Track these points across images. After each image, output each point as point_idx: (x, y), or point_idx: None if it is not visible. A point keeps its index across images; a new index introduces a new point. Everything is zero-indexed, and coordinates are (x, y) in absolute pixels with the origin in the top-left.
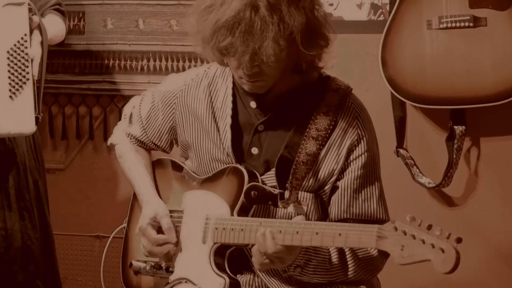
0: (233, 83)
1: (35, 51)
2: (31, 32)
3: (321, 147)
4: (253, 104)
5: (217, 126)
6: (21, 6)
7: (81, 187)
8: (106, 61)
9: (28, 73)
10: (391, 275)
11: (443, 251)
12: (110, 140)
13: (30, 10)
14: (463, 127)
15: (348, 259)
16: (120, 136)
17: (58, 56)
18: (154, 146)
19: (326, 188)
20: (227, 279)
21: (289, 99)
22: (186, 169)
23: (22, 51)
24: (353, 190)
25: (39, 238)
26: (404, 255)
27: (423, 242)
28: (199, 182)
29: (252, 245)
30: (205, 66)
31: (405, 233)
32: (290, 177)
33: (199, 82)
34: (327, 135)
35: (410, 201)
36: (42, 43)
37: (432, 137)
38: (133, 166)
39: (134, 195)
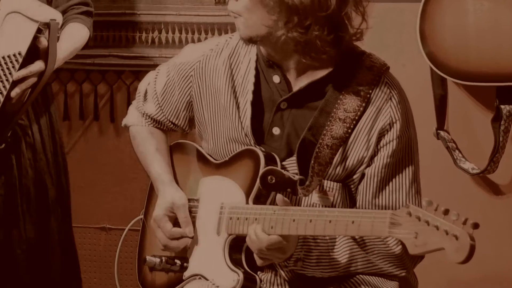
0: (257, 55)
1: (21, 74)
2: (35, 55)
3: (349, 131)
4: (276, 79)
5: (236, 102)
6: (31, 22)
7: (85, 174)
8: (112, 33)
9: (1, 93)
10: (427, 269)
11: (456, 238)
12: (124, 121)
13: (39, 31)
14: (511, 106)
15: (354, 249)
16: (135, 117)
17: None
18: (171, 125)
19: (355, 177)
20: (241, 274)
21: (317, 75)
22: (203, 152)
23: (8, 68)
24: (380, 180)
25: (26, 250)
26: (417, 243)
27: (437, 228)
28: (215, 167)
29: None
30: (227, 36)
31: (419, 219)
32: (312, 161)
33: (219, 52)
34: (357, 118)
35: (451, 189)
36: (42, 73)
37: (476, 118)
38: (148, 149)
39: (151, 186)
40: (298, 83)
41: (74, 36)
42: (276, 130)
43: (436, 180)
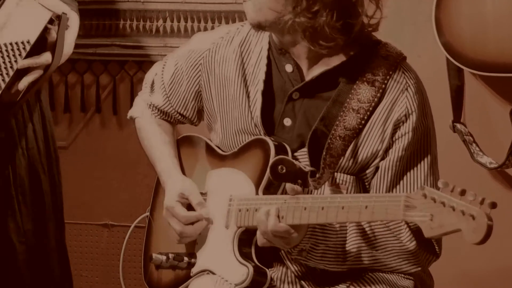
0: (269, 43)
1: (27, 63)
2: (42, 46)
3: (363, 122)
4: (288, 68)
5: (247, 91)
6: (45, 11)
7: (86, 168)
8: (115, 22)
9: (3, 80)
10: (441, 263)
11: (473, 218)
12: (130, 113)
13: (51, 22)
14: None
15: (362, 247)
16: (141, 108)
17: None
18: (179, 116)
19: (369, 171)
20: (251, 268)
21: (330, 64)
22: (211, 145)
23: (14, 55)
24: (394, 173)
25: (26, 243)
26: (433, 225)
27: (453, 209)
28: (223, 159)
29: None
30: (238, 24)
31: (434, 200)
32: (324, 153)
33: (229, 40)
34: (371, 109)
35: (468, 185)
36: (47, 66)
37: (494, 110)
38: (155, 142)
39: (158, 180)
40: (311, 73)
41: (74, 28)
42: (287, 121)
43: (452, 175)
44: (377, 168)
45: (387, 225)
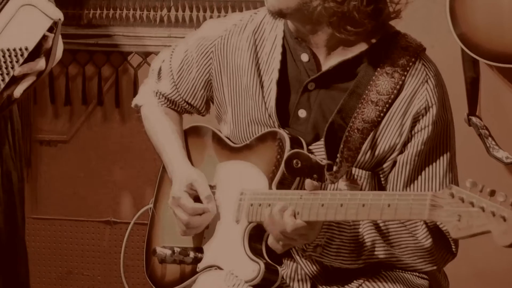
0: (284, 31)
1: (24, 70)
2: (37, 52)
3: (382, 115)
4: (304, 57)
5: (260, 81)
6: (46, 18)
7: (88, 163)
8: (118, 11)
9: None
10: (456, 262)
11: (504, 220)
12: (135, 101)
13: (51, 29)
14: None
15: (377, 242)
16: (147, 96)
17: (60, 5)
18: (187, 105)
19: (385, 165)
20: (262, 265)
21: (348, 54)
22: (220, 136)
23: (11, 62)
24: (412, 168)
25: None
26: (461, 226)
27: (483, 210)
28: (234, 151)
29: None
30: (251, 11)
31: (462, 200)
32: (342, 146)
33: (242, 28)
34: (390, 101)
35: (484, 180)
36: (40, 72)
37: (511, 103)
38: (162, 130)
39: (163, 170)
40: (328, 63)
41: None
42: (302, 113)
43: (467, 170)
44: (394, 163)
45: (402, 221)
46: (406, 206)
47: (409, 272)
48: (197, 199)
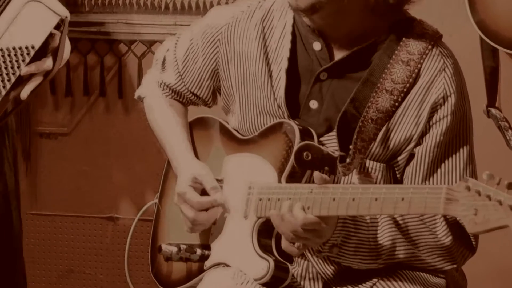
0: (294, 18)
1: (31, 70)
2: (43, 51)
3: (397, 104)
4: (316, 46)
5: (269, 70)
6: (53, 15)
7: (90, 156)
8: None
9: (4, 87)
10: (473, 258)
11: None
12: (137, 92)
13: (58, 26)
14: None
15: (397, 239)
16: (150, 87)
17: None
18: (193, 96)
19: (400, 158)
20: (272, 262)
21: (362, 42)
22: (228, 127)
23: (17, 61)
24: (431, 160)
25: None
26: (477, 220)
27: (500, 203)
28: (242, 143)
29: None
30: None
31: (479, 194)
32: (355, 136)
33: (250, 15)
34: (406, 90)
35: (503, 173)
36: (47, 72)
37: None
38: (166, 123)
39: (168, 164)
40: (341, 51)
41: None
42: (313, 104)
43: (485, 163)
44: (410, 155)
45: (421, 218)
46: (420, 200)
47: (425, 271)
48: (203, 193)
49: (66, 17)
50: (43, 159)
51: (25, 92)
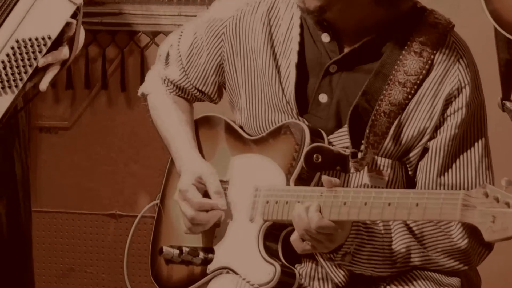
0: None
1: (48, 60)
2: (59, 40)
3: (410, 96)
4: (325, 38)
5: (277, 65)
6: (69, 4)
7: (91, 151)
8: None
9: (21, 79)
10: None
11: None
12: (141, 89)
13: (75, 15)
14: None
15: (412, 246)
16: (154, 83)
17: None
18: (198, 93)
19: (413, 153)
20: (278, 267)
21: (372, 33)
22: (234, 127)
23: (34, 52)
24: (446, 154)
25: None
26: (495, 228)
27: None
28: (249, 144)
29: None
30: None
31: (497, 200)
32: (367, 131)
33: (255, 7)
34: (419, 82)
35: None
36: (64, 61)
37: None
38: (170, 120)
39: (172, 163)
40: (351, 43)
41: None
42: (323, 98)
43: (500, 158)
44: (424, 149)
45: (435, 221)
46: (436, 206)
47: (438, 272)
48: (206, 194)
49: (81, 3)
50: (43, 154)
51: (44, 84)
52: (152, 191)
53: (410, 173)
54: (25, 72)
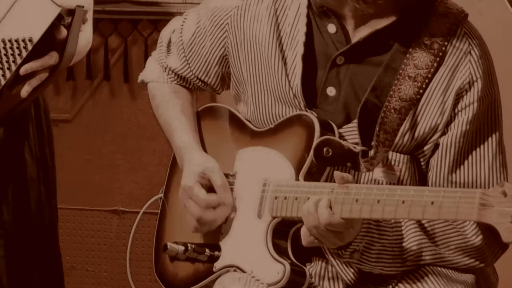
0: (309, 0)
1: (31, 67)
2: (49, 44)
3: (421, 91)
4: (331, 28)
5: (283, 56)
6: (53, 6)
7: (93, 145)
8: None
9: None
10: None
11: None
12: (141, 77)
13: (60, 18)
14: None
15: (423, 244)
16: (155, 71)
17: None
18: (200, 83)
19: (426, 148)
20: (288, 266)
21: (380, 23)
22: (241, 118)
23: (12, 55)
24: (457, 151)
25: (3, 235)
26: None
27: None
28: (256, 136)
29: None
30: None
31: None
32: (377, 128)
33: None
34: (430, 75)
35: None
36: (54, 67)
37: None
38: (171, 111)
39: (174, 157)
40: (358, 34)
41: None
42: (331, 91)
43: None
44: (436, 145)
45: None
46: (452, 205)
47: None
48: (211, 190)
49: (79, 6)
50: None
51: (25, 90)
52: (155, 185)
53: (423, 168)
54: (3, 75)
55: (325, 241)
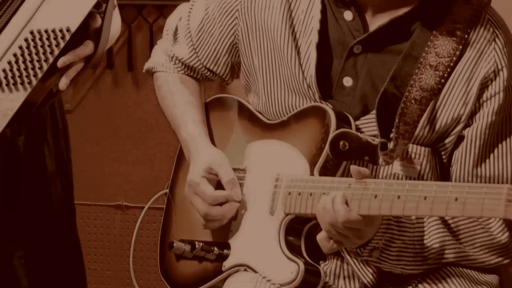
0: None
1: (68, 59)
2: (83, 33)
3: (443, 81)
4: (348, 16)
5: (296, 45)
6: None
7: (96, 137)
8: None
9: (35, 75)
10: None
11: None
12: (147, 66)
13: (98, 5)
14: None
15: (446, 241)
16: (161, 60)
17: None
18: (208, 73)
19: (448, 140)
20: (301, 265)
21: (400, 11)
22: (251, 110)
23: (49, 46)
24: (483, 144)
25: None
26: None
27: None
28: (268, 129)
29: None
30: None
31: None
32: (397, 120)
33: None
34: (452, 64)
35: None
36: (89, 57)
37: None
38: (177, 102)
39: (181, 149)
40: (376, 21)
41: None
42: (347, 81)
43: None
44: (459, 137)
45: None
46: (477, 201)
47: (475, 267)
48: (219, 185)
49: None
50: None
51: (63, 82)
52: (161, 179)
53: (444, 161)
54: (40, 68)
55: (345, 241)
